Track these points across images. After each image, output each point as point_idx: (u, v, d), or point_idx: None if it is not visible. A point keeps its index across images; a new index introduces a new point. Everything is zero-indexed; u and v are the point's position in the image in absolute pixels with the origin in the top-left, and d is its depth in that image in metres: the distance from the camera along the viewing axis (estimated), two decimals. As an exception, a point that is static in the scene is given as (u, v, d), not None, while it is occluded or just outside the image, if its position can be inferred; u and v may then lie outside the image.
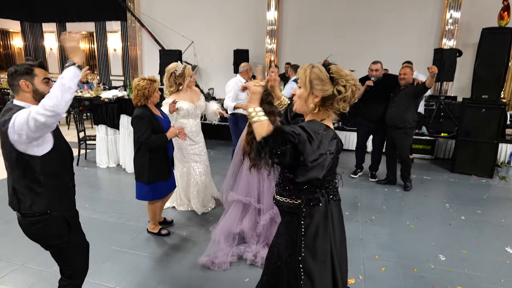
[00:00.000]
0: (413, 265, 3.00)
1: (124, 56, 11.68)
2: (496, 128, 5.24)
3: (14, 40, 12.12)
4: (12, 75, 1.79)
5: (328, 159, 1.43)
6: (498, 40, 5.12)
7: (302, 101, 1.59)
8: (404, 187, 4.79)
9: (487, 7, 7.51)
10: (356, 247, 3.29)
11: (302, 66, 1.59)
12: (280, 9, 9.60)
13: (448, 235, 3.57)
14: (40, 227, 1.85)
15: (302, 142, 1.37)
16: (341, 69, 1.54)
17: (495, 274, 2.89)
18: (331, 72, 1.52)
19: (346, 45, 9.01)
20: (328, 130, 1.49)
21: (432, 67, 4.17)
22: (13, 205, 1.85)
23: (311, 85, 1.52)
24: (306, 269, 1.56)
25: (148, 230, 3.48)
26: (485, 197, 4.62)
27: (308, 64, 1.57)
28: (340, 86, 1.50)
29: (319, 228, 1.57)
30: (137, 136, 2.99)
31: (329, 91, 1.51)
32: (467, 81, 6.86)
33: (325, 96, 1.52)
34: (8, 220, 3.73)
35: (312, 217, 1.58)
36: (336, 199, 1.68)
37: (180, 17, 10.27)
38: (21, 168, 1.76)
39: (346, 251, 1.74)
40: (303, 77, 1.55)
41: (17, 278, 2.76)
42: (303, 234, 1.58)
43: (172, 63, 3.66)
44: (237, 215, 3.12)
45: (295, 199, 1.62)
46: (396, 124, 4.54)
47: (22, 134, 1.62)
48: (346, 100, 1.54)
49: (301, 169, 1.40)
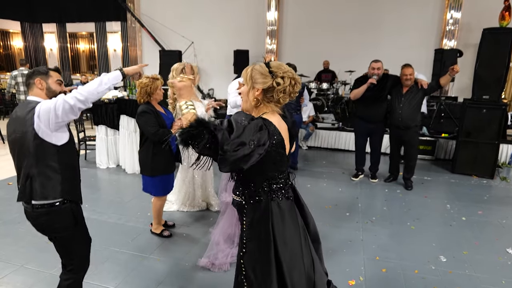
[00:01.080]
0: (414, 266, 2.99)
1: (124, 57, 11.69)
2: (497, 129, 5.23)
3: (14, 40, 12.12)
4: (30, 75, 2.01)
5: (256, 150, 1.43)
6: (499, 40, 5.11)
7: (245, 97, 1.64)
8: (406, 187, 4.80)
9: (487, 8, 7.51)
10: (357, 248, 3.28)
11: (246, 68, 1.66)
12: (280, 9, 9.60)
13: (449, 236, 3.56)
14: (48, 218, 1.93)
15: (219, 131, 1.41)
16: (282, 64, 1.61)
17: (496, 276, 2.88)
18: (271, 67, 1.58)
19: (346, 46, 9.01)
20: (256, 120, 1.50)
21: (455, 66, 4.21)
22: (24, 194, 1.90)
23: (252, 80, 1.59)
24: (247, 266, 1.61)
25: (151, 230, 3.49)
26: (486, 197, 4.61)
27: (254, 63, 1.65)
28: (279, 78, 1.56)
29: (260, 226, 1.59)
30: (145, 129, 3.05)
31: (268, 83, 1.56)
32: (468, 82, 6.85)
33: (265, 88, 1.57)
34: (8, 221, 3.72)
35: (253, 214, 1.61)
36: (286, 196, 1.67)
37: (180, 18, 10.27)
38: (40, 156, 1.87)
39: (303, 251, 1.67)
40: (245, 75, 1.62)
41: (17, 279, 2.75)
42: (244, 230, 1.63)
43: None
44: (234, 215, 3.10)
45: (241, 196, 1.66)
46: (408, 124, 4.54)
47: (47, 120, 1.82)
48: (285, 92, 1.59)
49: (221, 158, 1.41)
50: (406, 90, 4.54)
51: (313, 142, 7.13)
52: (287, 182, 1.71)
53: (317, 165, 6.02)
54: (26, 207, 1.95)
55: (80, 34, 12.19)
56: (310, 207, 4.33)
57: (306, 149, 7.04)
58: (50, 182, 1.90)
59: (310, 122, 7.03)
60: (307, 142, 7.10)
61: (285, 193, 1.67)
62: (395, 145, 4.92)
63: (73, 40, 12.33)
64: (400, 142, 4.82)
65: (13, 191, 4.52)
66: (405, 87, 4.54)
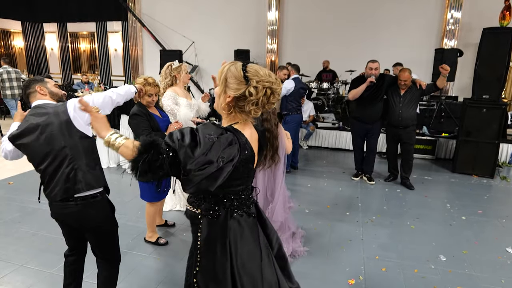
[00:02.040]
0: (414, 266, 2.99)
1: (125, 56, 11.70)
2: (497, 128, 5.22)
3: (15, 40, 12.14)
4: (28, 85, 2.11)
5: (224, 169, 1.27)
6: (499, 40, 5.11)
7: (217, 99, 1.45)
8: (409, 187, 4.81)
9: (488, 7, 7.51)
10: (357, 248, 3.28)
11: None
12: (281, 9, 9.60)
13: (449, 236, 3.56)
14: (90, 209, 2.02)
15: (180, 148, 1.21)
16: (260, 68, 1.38)
17: (496, 275, 2.88)
18: (247, 71, 1.36)
19: (346, 45, 9.02)
20: (226, 135, 1.30)
21: (444, 65, 4.18)
22: (69, 190, 1.95)
23: (225, 83, 1.38)
24: (201, 285, 1.45)
25: (145, 239, 3.35)
26: (486, 197, 4.61)
27: (230, 62, 1.43)
28: (252, 88, 1.34)
29: (216, 243, 1.43)
30: (136, 133, 2.96)
31: (241, 91, 1.35)
32: (468, 81, 6.85)
33: (237, 96, 1.36)
34: (7, 220, 3.73)
35: (209, 230, 1.44)
36: (247, 213, 1.51)
37: (181, 17, 10.28)
38: (83, 147, 2.00)
39: (263, 273, 1.51)
40: (220, 74, 1.41)
41: (16, 278, 2.76)
42: (198, 247, 1.46)
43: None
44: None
45: (196, 208, 1.47)
46: (407, 124, 4.61)
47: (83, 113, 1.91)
48: (258, 104, 1.37)
49: (184, 179, 1.24)
50: (405, 90, 4.57)
51: (313, 141, 7.13)
52: (250, 197, 1.55)
53: (317, 164, 6.02)
54: (62, 205, 1.98)
55: (81, 34, 12.20)
56: (311, 206, 4.35)
57: (307, 148, 7.05)
58: (94, 172, 2.03)
59: (310, 122, 7.03)
60: (307, 142, 7.10)
61: (247, 210, 1.51)
62: (392, 144, 4.93)
63: (74, 39, 12.34)
64: (398, 141, 4.85)
65: (13, 191, 4.54)
66: (402, 88, 4.59)
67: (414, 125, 4.71)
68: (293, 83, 5.10)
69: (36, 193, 2.18)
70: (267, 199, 3.01)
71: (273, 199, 3.00)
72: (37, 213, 3.88)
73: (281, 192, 3.03)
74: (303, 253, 3.11)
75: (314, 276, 2.83)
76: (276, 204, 2.98)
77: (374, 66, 4.53)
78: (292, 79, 5.19)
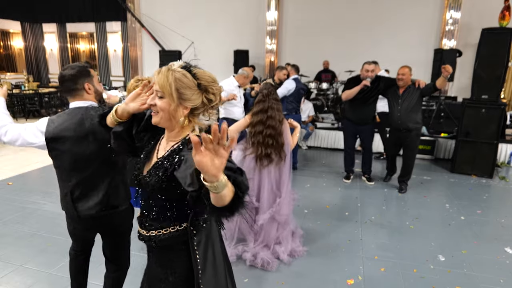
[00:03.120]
0: (413, 266, 2.99)
1: (124, 57, 11.70)
2: (496, 128, 5.23)
3: (15, 40, 12.12)
4: (74, 79, 1.81)
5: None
6: (498, 40, 5.12)
7: (167, 115, 1.25)
8: (400, 190, 4.73)
9: (487, 7, 7.53)
10: (356, 248, 3.28)
11: (157, 70, 1.26)
12: (280, 9, 9.61)
13: (448, 236, 3.56)
14: (123, 215, 2.04)
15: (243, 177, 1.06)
16: (205, 72, 1.31)
17: (495, 275, 2.89)
18: (198, 78, 1.26)
19: (346, 46, 9.02)
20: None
21: (446, 66, 4.07)
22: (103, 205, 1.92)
23: (180, 95, 1.22)
24: None
25: None
26: (485, 197, 4.62)
27: (165, 67, 1.25)
28: (211, 95, 1.28)
29: (214, 247, 1.36)
30: None
31: (200, 100, 1.26)
32: (467, 81, 6.86)
33: (194, 106, 1.26)
34: (7, 221, 3.73)
35: (203, 236, 1.34)
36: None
37: (180, 18, 10.28)
38: (122, 161, 1.95)
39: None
40: (166, 85, 1.21)
41: (16, 278, 2.76)
42: (199, 268, 1.31)
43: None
44: None
45: (179, 223, 1.32)
46: (409, 127, 4.46)
47: None
48: (214, 108, 1.33)
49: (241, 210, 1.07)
50: (403, 91, 4.48)
51: (312, 142, 7.13)
52: None
53: (316, 164, 6.03)
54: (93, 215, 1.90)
55: (80, 34, 12.20)
56: (310, 206, 4.35)
57: (306, 149, 7.05)
58: (126, 185, 2.02)
59: (309, 122, 7.04)
60: (306, 142, 7.11)
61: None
62: (393, 147, 4.85)
63: (73, 40, 12.34)
64: (399, 145, 4.73)
65: (12, 191, 4.54)
66: (401, 88, 4.49)
67: (418, 129, 4.53)
68: (294, 83, 5.11)
69: (36, 194, 2.19)
70: (274, 192, 3.02)
71: (281, 193, 3.01)
72: (36, 213, 3.87)
73: (288, 186, 3.04)
74: (302, 253, 3.11)
75: (313, 276, 2.84)
76: (283, 199, 3.00)
77: (370, 68, 4.46)
78: (292, 79, 5.19)
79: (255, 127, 2.96)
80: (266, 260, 2.91)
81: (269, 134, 2.92)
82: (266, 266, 2.89)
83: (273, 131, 2.92)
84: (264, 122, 2.93)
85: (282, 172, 3.04)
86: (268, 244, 3.06)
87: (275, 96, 2.99)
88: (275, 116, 2.93)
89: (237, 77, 4.88)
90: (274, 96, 2.97)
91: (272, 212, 2.99)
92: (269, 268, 2.88)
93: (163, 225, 1.33)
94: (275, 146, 2.93)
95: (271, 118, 2.92)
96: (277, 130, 2.93)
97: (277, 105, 2.98)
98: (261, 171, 3.02)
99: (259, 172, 3.03)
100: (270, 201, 3.01)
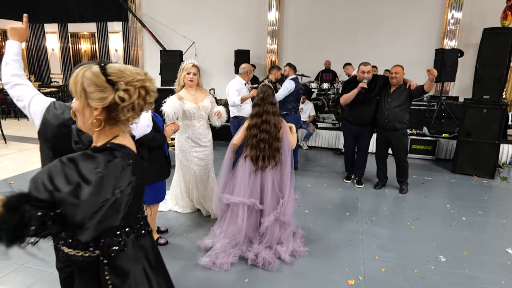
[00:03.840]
0: (413, 266, 2.99)
1: (125, 57, 11.71)
2: (498, 129, 5.22)
3: (16, 40, 12.13)
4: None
5: (122, 199, 1.09)
6: (499, 40, 5.11)
7: (81, 116, 1.18)
8: (400, 190, 4.71)
9: (488, 7, 7.51)
10: (356, 248, 3.28)
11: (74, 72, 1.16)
12: (281, 9, 9.60)
13: (449, 236, 3.56)
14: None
15: (61, 200, 0.99)
16: (125, 67, 1.15)
17: (496, 275, 2.88)
18: (109, 74, 1.11)
19: (347, 46, 9.00)
20: (115, 162, 1.09)
21: (431, 69, 4.07)
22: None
23: (85, 94, 1.11)
24: None
25: None
26: (486, 198, 4.61)
27: (83, 66, 1.15)
28: (122, 92, 1.11)
29: (136, 279, 1.24)
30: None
31: (109, 99, 1.11)
32: (469, 82, 6.85)
33: (106, 106, 1.12)
34: (9, 220, 3.73)
35: (119, 269, 1.22)
36: (147, 230, 1.35)
37: (181, 18, 10.28)
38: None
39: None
40: (74, 85, 1.12)
41: (17, 278, 2.76)
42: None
43: None
44: (236, 214, 3.08)
45: (92, 249, 1.20)
46: (395, 126, 4.45)
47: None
48: (134, 109, 1.16)
49: (79, 230, 1.03)
50: (393, 90, 4.47)
51: (313, 142, 7.13)
52: (144, 213, 1.38)
53: (317, 165, 6.02)
54: None
55: (81, 34, 12.21)
56: (310, 206, 4.35)
57: (307, 149, 7.05)
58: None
59: (310, 122, 7.03)
60: (307, 142, 7.10)
61: (146, 226, 1.34)
62: (382, 148, 4.78)
63: (74, 40, 12.36)
64: (387, 145, 4.69)
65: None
66: (393, 86, 4.47)
67: (404, 128, 4.51)
68: (293, 83, 5.12)
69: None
70: (276, 194, 3.02)
71: (283, 194, 3.01)
72: (37, 213, 3.87)
73: (291, 187, 3.05)
74: (303, 253, 3.11)
75: (314, 276, 2.84)
76: (286, 200, 2.99)
77: (366, 69, 4.42)
78: (291, 79, 5.21)
79: (250, 130, 2.97)
80: (267, 259, 2.91)
81: (262, 139, 2.93)
82: (267, 266, 2.89)
83: (267, 135, 2.92)
84: (258, 126, 2.94)
85: (283, 173, 3.03)
86: (271, 246, 3.06)
87: (271, 99, 2.97)
88: (270, 120, 2.93)
89: (241, 75, 4.98)
90: (270, 100, 2.96)
91: (277, 214, 2.99)
92: (270, 268, 2.88)
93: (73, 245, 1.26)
94: (269, 151, 2.94)
95: (266, 122, 2.92)
96: (271, 135, 2.93)
97: (273, 109, 2.96)
98: (263, 173, 3.01)
99: (261, 174, 3.02)
100: (274, 203, 3.01)
